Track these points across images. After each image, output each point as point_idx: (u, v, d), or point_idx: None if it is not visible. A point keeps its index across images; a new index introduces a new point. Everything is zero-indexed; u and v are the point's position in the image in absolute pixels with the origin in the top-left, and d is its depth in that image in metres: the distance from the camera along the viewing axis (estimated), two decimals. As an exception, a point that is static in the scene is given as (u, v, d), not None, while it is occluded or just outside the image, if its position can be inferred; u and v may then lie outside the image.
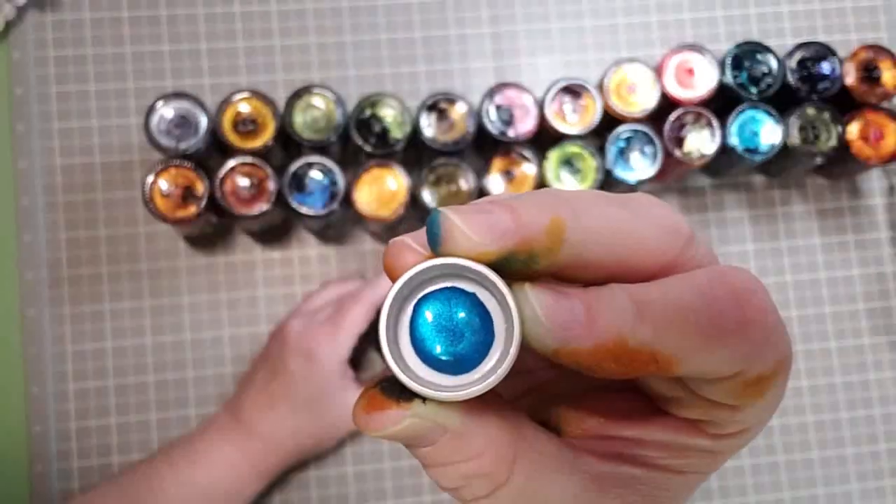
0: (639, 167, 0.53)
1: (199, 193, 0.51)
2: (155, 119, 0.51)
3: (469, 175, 0.53)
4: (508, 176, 0.53)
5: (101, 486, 0.51)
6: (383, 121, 0.53)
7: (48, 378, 0.55)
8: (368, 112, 0.53)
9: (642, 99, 0.54)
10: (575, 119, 0.53)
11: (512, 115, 0.53)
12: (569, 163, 0.53)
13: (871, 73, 0.55)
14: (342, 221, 0.58)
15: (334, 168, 0.52)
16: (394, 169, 0.52)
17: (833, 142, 0.54)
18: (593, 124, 0.53)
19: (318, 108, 0.52)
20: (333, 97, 0.52)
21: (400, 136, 0.52)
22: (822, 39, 0.58)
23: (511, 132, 0.53)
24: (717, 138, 0.53)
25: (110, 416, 0.56)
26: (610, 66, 0.54)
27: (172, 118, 0.51)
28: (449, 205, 0.57)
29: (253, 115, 0.52)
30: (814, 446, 0.59)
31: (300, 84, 0.53)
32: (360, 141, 0.52)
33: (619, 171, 0.53)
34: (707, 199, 0.61)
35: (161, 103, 0.51)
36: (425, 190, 0.53)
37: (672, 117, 0.53)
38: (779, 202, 0.61)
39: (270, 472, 0.52)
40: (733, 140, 0.53)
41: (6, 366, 0.56)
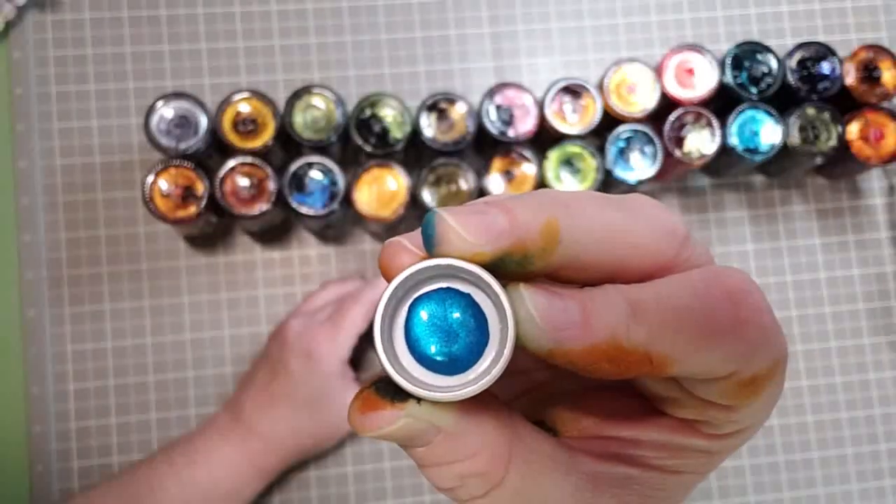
0: (639, 167, 0.53)
1: (199, 193, 0.51)
2: (155, 119, 0.51)
3: (469, 175, 0.53)
4: (508, 176, 0.53)
5: (101, 485, 0.51)
6: (383, 121, 0.53)
7: (48, 378, 0.56)
8: (368, 112, 0.53)
9: (642, 99, 0.54)
10: (575, 119, 0.53)
11: (512, 115, 0.53)
12: (569, 163, 0.53)
13: (871, 73, 0.54)
14: (342, 221, 0.58)
15: (334, 168, 0.52)
16: (394, 169, 0.52)
17: (833, 142, 0.54)
18: (593, 124, 0.53)
19: (318, 108, 0.53)
20: (333, 97, 0.52)
21: (400, 136, 0.52)
22: (822, 39, 0.58)
23: (511, 132, 0.53)
24: (717, 138, 0.53)
25: (110, 416, 0.56)
26: (610, 66, 0.54)
27: (172, 118, 0.51)
28: (449, 205, 0.57)
29: (253, 115, 0.52)
30: (814, 446, 0.59)
31: (300, 84, 0.53)
32: (360, 141, 0.52)
33: (619, 171, 0.53)
34: (707, 199, 0.61)
35: (161, 103, 0.51)
36: (425, 190, 0.53)
37: (672, 117, 0.53)
38: (779, 202, 0.61)
39: (270, 472, 0.52)
40: (733, 140, 0.53)
41: (6, 366, 0.56)
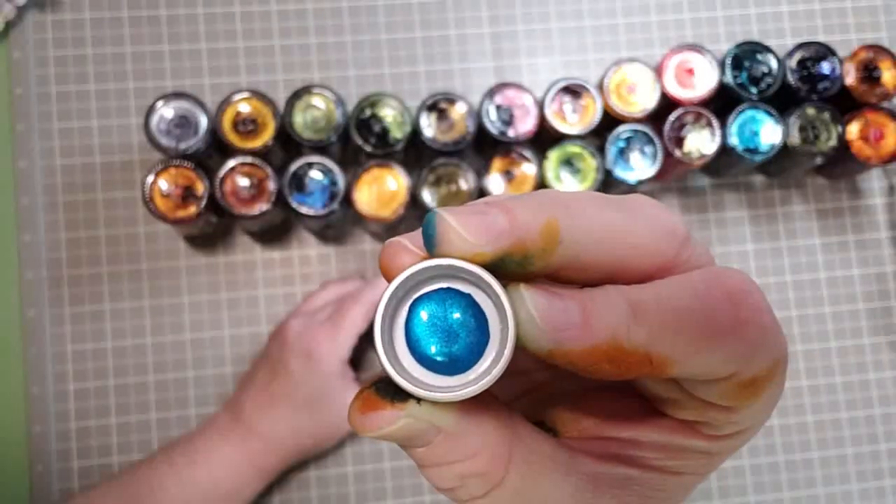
0: (639, 167, 0.53)
1: (199, 193, 0.51)
2: (155, 119, 0.51)
3: (469, 175, 0.53)
4: (508, 176, 0.53)
5: (101, 485, 0.51)
6: (383, 121, 0.53)
7: (48, 378, 0.56)
8: (368, 112, 0.53)
9: (642, 99, 0.54)
10: (575, 119, 0.53)
11: (512, 115, 0.53)
12: (569, 163, 0.53)
13: (871, 73, 0.54)
14: (342, 221, 0.58)
15: (334, 168, 0.52)
16: (394, 169, 0.52)
17: (833, 142, 0.54)
18: (593, 124, 0.53)
19: (318, 108, 0.52)
20: (333, 97, 0.52)
21: (400, 136, 0.52)
22: (822, 39, 0.58)
23: (511, 132, 0.53)
24: (717, 138, 0.53)
25: (110, 416, 0.56)
26: (610, 66, 0.54)
27: (172, 118, 0.51)
28: (449, 205, 0.57)
29: (253, 115, 0.52)
30: (814, 446, 0.59)
31: (300, 84, 0.53)
32: (360, 141, 0.52)
33: (619, 171, 0.53)
34: (707, 199, 0.61)
35: (161, 103, 0.51)
36: (425, 190, 0.53)
37: (672, 117, 0.53)
38: (779, 202, 0.61)
39: (270, 472, 0.52)
40: (733, 140, 0.53)
41: (6, 366, 0.56)
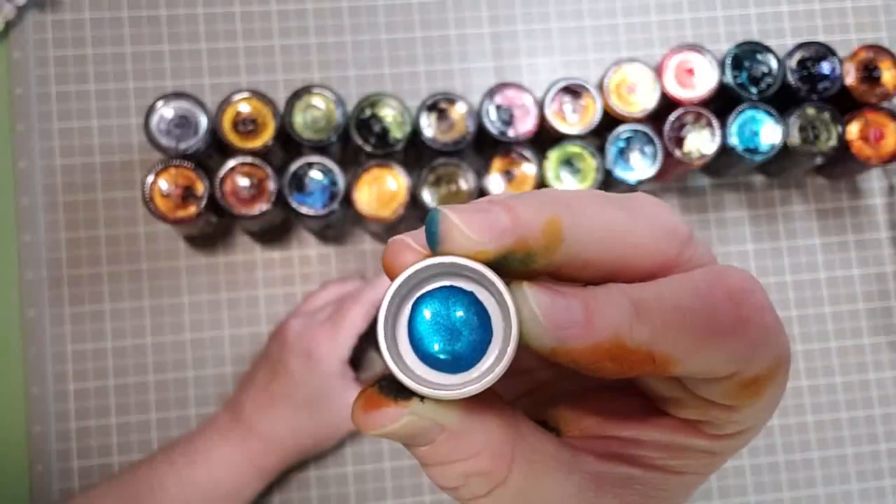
0: (639, 167, 0.53)
1: (199, 193, 0.51)
2: (155, 119, 0.51)
3: (469, 175, 0.53)
4: (508, 176, 0.53)
5: (101, 485, 0.51)
6: (383, 121, 0.53)
7: (48, 378, 0.55)
8: (368, 112, 0.53)
9: (642, 99, 0.54)
10: (575, 119, 0.53)
11: (512, 115, 0.53)
12: (569, 163, 0.53)
13: (871, 73, 0.55)
14: (342, 221, 0.58)
15: (334, 168, 0.52)
16: (394, 169, 0.52)
17: (833, 142, 0.54)
18: (593, 124, 0.53)
19: (318, 108, 0.52)
20: (333, 97, 0.52)
21: (400, 136, 0.52)
22: (822, 39, 0.58)
23: (511, 132, 0.53)
24: (717, 138, 0.53)
25: (110, 416, 0.56)
26: (610, 66, 0.54)
27: (172, 118, 0.51)
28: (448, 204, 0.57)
29: (253, 115, 0.52)
30: (814, 446, 0.59)
31: (300, 84, 0.53)
32: (360, 141, 0.52)
33: (619, 171, 0.53)
34: (707, 199, 0.61)
35: (161, 103, 0.51)
36: (425, 190, 0.53)
37: (672, 117, 0.53)
38: (779, 202, 0.61)
39: (270, 472, 0.52)
40: (733, 140, 0.53)
41: (6, 366, 0.56)
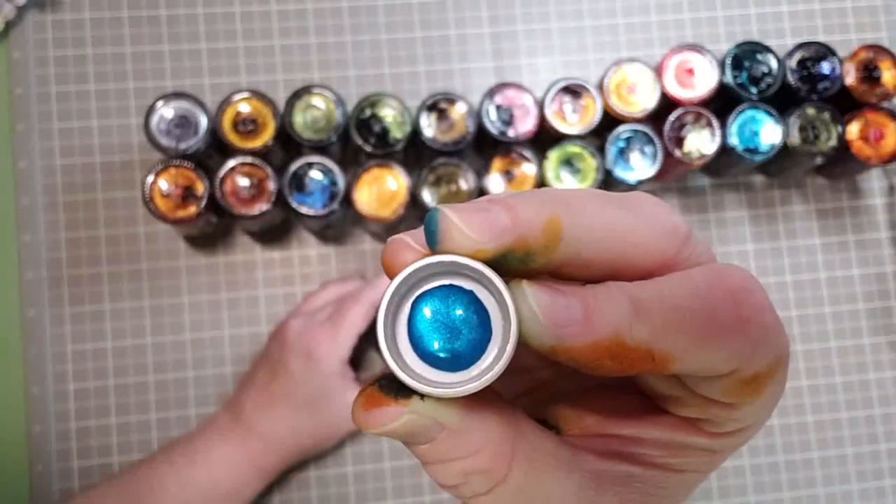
0: (639, 167, 0.53)
1: (199, 193, 0.51)
2: (155, 119, 0.51)
3: (469, 175, 0.53)
4: (508, 176, 0.53)
5: (101, 485, 0.51)
6: (383, 121, 0.53)
7: (48, 378, 0.55)
8: (368, 112, 0.53)
9: (642, 99, 0.54)
10: (575, 119, 0.53)
11: (512, 115, 0.53)
12: (569, 163, 0.53)
13: (871, 73, 0.55)
14: (342, 221, 0.58)
15: (334, 168, 0.52)
16: (394, 169, 0.52)
17: (833, 142, 0.54)
18: (593, 124, 0.53)
19: (318, 108, 0.53)
20: (333, 97, 0.52)
21: (400, 136, 0.52)
22: (822, 39, 0.58)
23: (511, 132, 0.53)
24: (717, 138, 0.53)
25: (110, 416, 0.56)
26: (610, 66, 0.54)
27: (172, 118, 0.51)
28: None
29: (253, 115, 0.52)
30: (814, 446, 0.59)
31: (300, 84, 0.53)
32: (360, 141, 0.52)
33: (619, 171, 0.53)
34: (707, 199, 0.61)
35: (161, 103, 0.51)
36: (425, 190, 0.53)
37: (672, 117, 0.53)
38: (779, 202, 0.61)
39: (270, 472, 0.52)
40: (733, 140, 0.53)
41: (6, 366, 0.56)
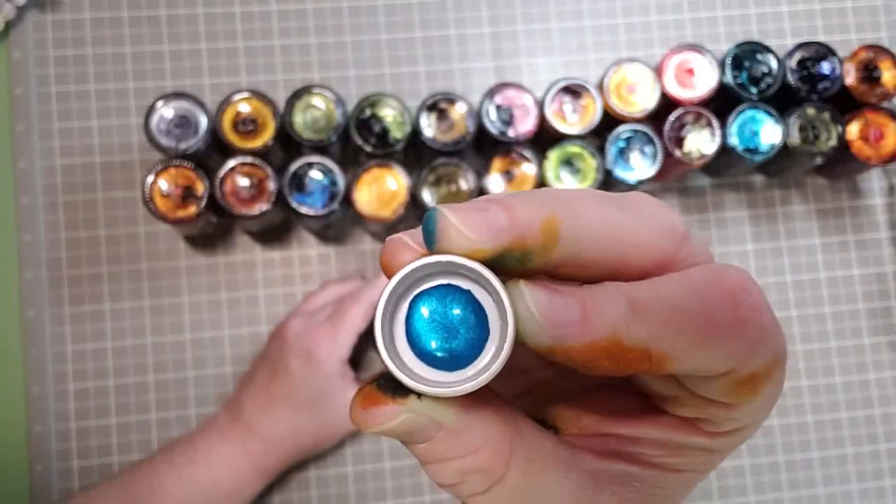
0: (639, 167, 0.53)
1: (199, 193, 0.51)
2: (155, 119, 0.51)
3: (469, 175, 0.53)
4: (508, 176, 0.53)
5: (101, 485, 0.51)
6: (383, 121, 0.53)
7: (48, 378, 0.56)
8: (368, 112, 0.53)
9: (642, 99, 0.54)
10: (575, 119, 0.53)
11: (512, 115, 0.53)
12: (569, 163, 0.53)
13: (871, 73, 0.55)
14: (342, 221, 0.58)
15: (334, 168, 0.52)
16: (394, 169, 0.52)
17: (833, 142, 0.54)
18: (593, 124, 0.53)
19: (318, 108, 0.53)
20: (333, 97, 0.52)
21: (400, 136, 0.52)
22: (822, 39, 0.58)
23: (511, 132, 0.53)
24: (717, 138, 0.53)
25: (110, 416, 0.56)
26: (610, 66, 0.54)
27: (172, 118, 0.51)
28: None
29: (253, 115, 0.52)
30: (814, 446, 0.59)
31: (300, 84, 0.53)
32: (360, 141, 0.52)
33: (619, 171, 0.53)
34: (707, 199, 0.61)
35: (161, 103, 0.51)
36: (425, 190, 0.53)
37: (672, 117, 0.53)
38: (779, 202, 0.61)
39: (270, 472, 0.52)
40: (733, 140, 0.53)
41: (6, 366, 0.56)
